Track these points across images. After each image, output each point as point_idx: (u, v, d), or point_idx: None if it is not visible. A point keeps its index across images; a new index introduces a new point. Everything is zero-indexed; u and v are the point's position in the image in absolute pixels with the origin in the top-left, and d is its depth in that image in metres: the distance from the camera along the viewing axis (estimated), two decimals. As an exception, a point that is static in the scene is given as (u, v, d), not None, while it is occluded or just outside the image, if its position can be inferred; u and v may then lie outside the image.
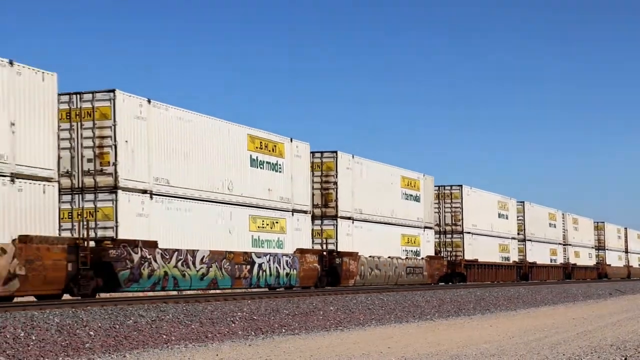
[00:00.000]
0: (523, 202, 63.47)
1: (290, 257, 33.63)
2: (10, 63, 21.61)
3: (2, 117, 21.36)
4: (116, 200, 25.08)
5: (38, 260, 21.78)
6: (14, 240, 21.25)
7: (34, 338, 15.17)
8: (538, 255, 65.24)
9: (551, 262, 68.41)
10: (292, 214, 33.95)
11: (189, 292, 30.40)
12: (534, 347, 16.75)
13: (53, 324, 16.43)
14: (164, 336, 17.36)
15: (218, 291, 30.65)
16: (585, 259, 78.51)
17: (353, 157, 39.09)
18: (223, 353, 15.62)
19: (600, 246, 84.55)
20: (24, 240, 21.39)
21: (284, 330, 20.11)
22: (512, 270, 59.49)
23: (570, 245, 73.91)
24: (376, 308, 26.53)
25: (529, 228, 63.88)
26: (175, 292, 29.01)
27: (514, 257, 60.11)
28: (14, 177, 21.32)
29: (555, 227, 70.04)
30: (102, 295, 26.59)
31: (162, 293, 27.78)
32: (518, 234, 61.58)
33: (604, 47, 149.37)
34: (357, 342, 17.80)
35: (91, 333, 16.34)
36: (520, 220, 62.19)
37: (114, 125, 25.20)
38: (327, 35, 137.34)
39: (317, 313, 23.45)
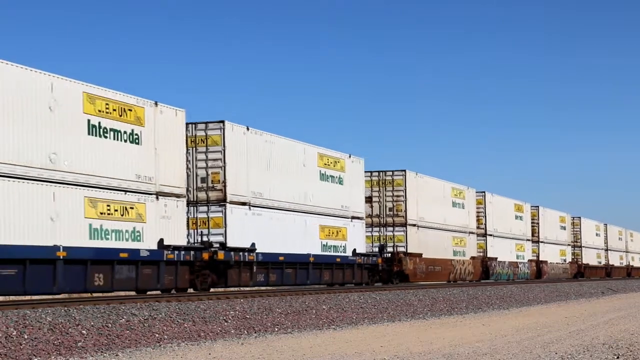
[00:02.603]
0: (606, 224, 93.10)
1: (527, 264, 63.96)
2: None
3: None
4: None
5: (474, 267, 51.41)
6: (469, 258, 50.03)
7: (26, 337, 15.15)
8: (615, 259, 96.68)
9: (620, 264, 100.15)
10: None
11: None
12: (526, 345, 16.77)
13: (45, 322, 16.40)
14: (157, 335, 17.35)
15: (211, 290, 30.56)
16: (637, 261, 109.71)
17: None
18: (215, 352, 15.60)
19: None
20: (473, 257, 51.55)
21: (276, 329, 20.10)
22: (603, 270, 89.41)
23: (629, 252, 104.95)
24: (369, 307, 26.54)
25: (610, 242, 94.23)
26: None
27: (603, 261, 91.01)
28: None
29: (622, 240, 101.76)
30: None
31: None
32: (604, 245, 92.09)
33: (604, 42, 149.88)
34: (349, 341, 17.81)
35: (84, 332, 16.32)
36: (605, 236, 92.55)
37: None
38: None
39: (309, 312, 23.45)
